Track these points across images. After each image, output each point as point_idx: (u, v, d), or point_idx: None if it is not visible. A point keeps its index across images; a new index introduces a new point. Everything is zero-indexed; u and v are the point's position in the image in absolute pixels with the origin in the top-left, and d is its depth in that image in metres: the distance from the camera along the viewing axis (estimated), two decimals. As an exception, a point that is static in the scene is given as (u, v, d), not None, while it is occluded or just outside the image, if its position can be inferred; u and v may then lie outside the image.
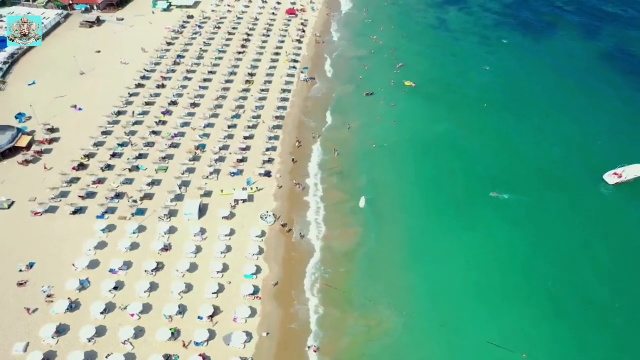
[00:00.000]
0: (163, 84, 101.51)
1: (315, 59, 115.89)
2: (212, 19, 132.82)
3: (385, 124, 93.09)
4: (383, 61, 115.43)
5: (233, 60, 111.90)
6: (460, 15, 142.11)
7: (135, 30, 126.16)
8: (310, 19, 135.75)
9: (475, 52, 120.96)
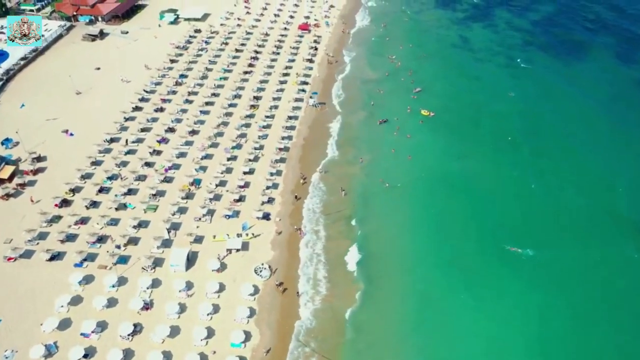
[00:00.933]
0: (162, 107, 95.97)
1: (326, 80, 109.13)
2: (220, 33, 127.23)
3: (399, 158, 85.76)
4: (399, 85, 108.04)
5: (238, 81, 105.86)
6: (484, 33, 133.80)
7: (139, 45, 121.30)
8: (323, 34, 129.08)
9: (500, 76, 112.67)
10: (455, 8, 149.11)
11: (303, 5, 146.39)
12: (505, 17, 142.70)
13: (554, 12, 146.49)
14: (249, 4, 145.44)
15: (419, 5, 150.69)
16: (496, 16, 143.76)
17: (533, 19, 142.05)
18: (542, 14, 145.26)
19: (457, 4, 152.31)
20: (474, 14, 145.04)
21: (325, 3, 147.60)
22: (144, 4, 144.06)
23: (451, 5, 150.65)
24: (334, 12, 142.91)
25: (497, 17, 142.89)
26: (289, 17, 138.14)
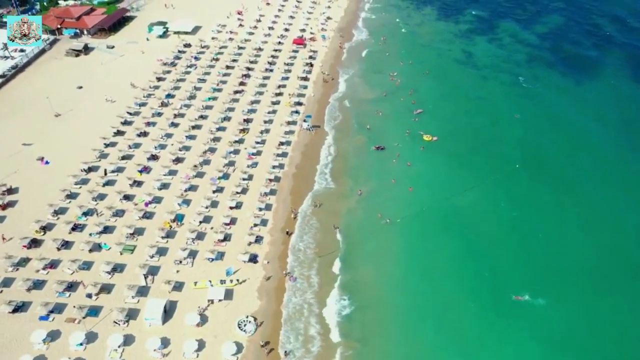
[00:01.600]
0: (145, 132, 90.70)
1: (321, 101, 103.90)
2: (211, 48, 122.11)
3: (399, 190, 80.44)
4: (399, 105, 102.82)
5: (228, 101, 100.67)
6: (489, 47, 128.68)
7: (125, 61, 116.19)
8: (319, 49, 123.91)
9: (506, 95, 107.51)
10: (458, 20, 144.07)
11: (299, 17, 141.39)
12: (511, 30, 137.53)
13: (561, 25, 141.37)
14: (243, 16, 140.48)
15: (420, 17, 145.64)
16: (501, 29, 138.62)
17: (539, 32, 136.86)
18: (548, 26, 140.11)
19: (459, 15, 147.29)
20: (478, 27, 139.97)
21: (322, 15, 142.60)
22: (132, 16, 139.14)
23: (453, 17, 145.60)
24: (331, 25, 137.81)
25: (501, 30, 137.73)
26: (283, 29, 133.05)
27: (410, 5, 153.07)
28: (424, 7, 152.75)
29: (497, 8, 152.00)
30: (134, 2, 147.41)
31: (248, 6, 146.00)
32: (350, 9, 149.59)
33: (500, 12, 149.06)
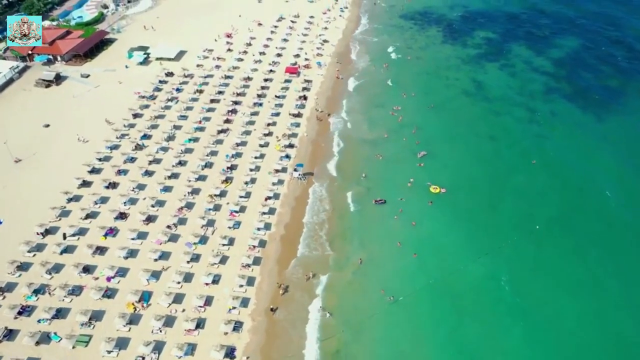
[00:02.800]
0: (114, 183, 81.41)
1: (315, 142, 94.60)
2: (195, 77, 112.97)
3: (403, 257, 71.12)
4: (402, 147, 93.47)
5: (211, 143, 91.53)
6: (501, 76, 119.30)
7: (100, 92, 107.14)
8: (314, 78, 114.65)
9: (521, 135, 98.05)
10: (466, 43, 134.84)
11: (293, 40, 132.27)
12: (524, 55, 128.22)
13: (579, 48, 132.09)
14: (232, 39, 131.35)
15: (425, 40, 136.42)
16: (513, 53, 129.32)
17: (555, 57, 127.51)
18: (563, 51, 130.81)
19: (467, 37, 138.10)
20: (488, 51, 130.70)
21: (318, 37, 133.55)
22: (112, 39, 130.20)
23: (461, 40, 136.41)
24: (327, 49, 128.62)
25: (514, 55, 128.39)
26: (276, 55, 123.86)
27: (413, 27, 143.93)
28: (428, 27, 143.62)
29: (507, 29, 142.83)
30: (115, 23, 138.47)
31: (238, 27, 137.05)
32: (348, 30, 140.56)
33: (510, 34, 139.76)
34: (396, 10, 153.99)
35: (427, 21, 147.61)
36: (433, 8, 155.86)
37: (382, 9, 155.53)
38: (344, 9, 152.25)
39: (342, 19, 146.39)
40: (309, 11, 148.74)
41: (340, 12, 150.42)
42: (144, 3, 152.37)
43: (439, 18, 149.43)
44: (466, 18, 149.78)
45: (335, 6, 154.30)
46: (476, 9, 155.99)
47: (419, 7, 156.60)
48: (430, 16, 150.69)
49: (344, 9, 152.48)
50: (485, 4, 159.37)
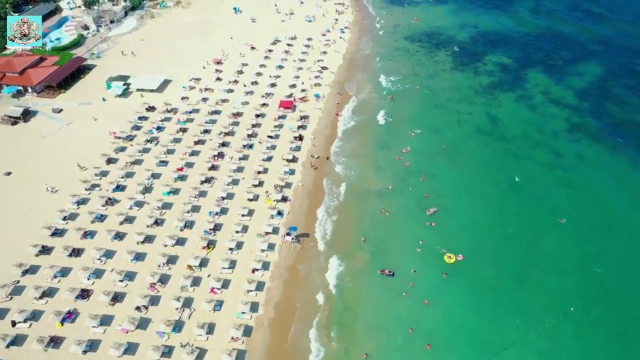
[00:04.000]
0: (78, 250, 71.32)
1: (312, 195, 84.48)
2: (179, 112, 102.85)
3: (414, 348, 61.21)
4: (409, 200, 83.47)
5: (193, 196, 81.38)
6: (518, 109, 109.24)
7: (73, 131, 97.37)
8: (312, 113, 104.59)
9: (546, 185, 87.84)
10: (477, 69, 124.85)
11: (289, 66, 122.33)
12: (542, 85, 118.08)
13: (601, 77, 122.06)
14: (222, 65, 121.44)
15: (433, 65, 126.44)
16: (530, 82, 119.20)
17: (577, 86, 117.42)
18: (586, 79, 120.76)
19: (479, 62, 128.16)
20: (502, 79, 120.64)
21: (317, 63, 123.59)
22: (91, 65, 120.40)
23: (472, 65, 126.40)
24: (326, 77, 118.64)
25: (531, 85, 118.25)
26: (269, 84, 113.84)
27: (420, 50, 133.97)
28: (436, 51, 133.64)
29: (521, 54, 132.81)
30: (95, 47, 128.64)
31: (229, 52, 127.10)
32: (349, 54, 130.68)
33: (525, 59, 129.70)
34: (401, 31, 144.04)
35: (434, 44, 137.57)
36: (440, 28, 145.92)
37: (385, 29, 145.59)
38: (344, 30, 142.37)
39: (343, 41, 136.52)
40: (307, 32, 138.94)
41: (341, 33, 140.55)
42: (128, 23, 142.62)
43: (447, 40, 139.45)
44: (477, 40, 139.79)
45: (335, 26, 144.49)
46: (487, 30, 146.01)
47: (425, 27, 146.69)
48: (438, 38, 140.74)
49: (345, 30, 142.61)
50: (496, 24, 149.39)
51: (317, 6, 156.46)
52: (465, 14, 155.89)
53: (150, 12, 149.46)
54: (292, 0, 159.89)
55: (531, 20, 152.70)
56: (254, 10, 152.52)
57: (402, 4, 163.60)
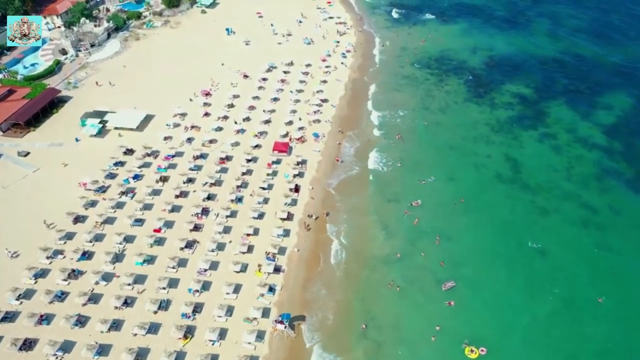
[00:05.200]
0: (30, 342, 60.72)
1: (309, 262, 74.18)
2: (161, 156, 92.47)
3: None
4: (421, 270, 73.28)
5: (170, 267, 70.90)
6: (541, 151, 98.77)
7: (39, 180, 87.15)
8: (310, 157, 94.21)
9: (578, 249, 77.39)
10: (494, 101, 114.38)
11: (285, 98, 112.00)
12: (566, 120, 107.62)
13: (633, 108, 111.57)
14: (211, 97, 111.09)
15: (444, 97, 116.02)
16: (552, 117, 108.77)
17: (605, 122, 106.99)
18: (616, 112, 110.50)
19: (494, 93, 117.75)
20: (522, 113, 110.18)
21: (316, 95, 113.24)
22: (66, 97, 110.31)
23: (487, 97, 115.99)
24: (326, 111, 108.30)
25: (554, 120, 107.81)
26: (263, 121, 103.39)
27: (429, 77, 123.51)
28: (447, 79, 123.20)
29: (541, 82, 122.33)
30: (72, 75, 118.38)
31: (220, 81, 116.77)
32: (352, 83, 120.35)
33: (545, 89, 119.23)
34: (408, 55, 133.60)
35: (445, 70, 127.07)
36: (451, 52, 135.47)
37: (391, 53, 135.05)
38: (346, 54, 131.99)
39: (345, 68, 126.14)
40: (306, 56, 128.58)
41: (342, 58, 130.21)
42: (111, 47, 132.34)
43: (459, 66, 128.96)
44: (491, 66, 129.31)
45: (336, 49, 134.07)
46: (502, 54, 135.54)
47: (434, 50, 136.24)
48: (449, 63, 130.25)
49: (346, 54, 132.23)
50: (511, 47, 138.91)
51: (317, 26, 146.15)
52: (477, 35, 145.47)
53: (135, 33, 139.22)
54: (290, 20, 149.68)
55: (549, 43, 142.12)
56: (248, 31, 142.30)
57: (408, 23, 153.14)
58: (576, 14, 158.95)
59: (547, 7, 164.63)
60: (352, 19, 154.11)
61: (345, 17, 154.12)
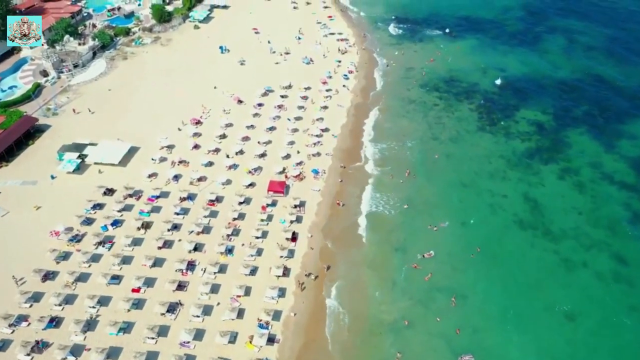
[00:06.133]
0: None
1: (307, 329, 66.02)
2: (144, 197, 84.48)
3: None
4: (434, 339, 65.21)
5: (149, 339, 62.59)
6: (563, 190, 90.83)
7: (7, 227, 79.13)
8: (309, 199, 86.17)
9: (610, 310, 69.42)
10: (509, 130, 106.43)
11: (281, 127, 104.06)
12: (589, 152, 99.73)
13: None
14: (201, 125, 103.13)
15: (455, 124, 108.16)
16: (574, 149, 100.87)
17: (632, 154, 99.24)
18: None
19: (510, 120, 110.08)
20: (540, 144, 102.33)
21: (316, 123, 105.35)
22: (43, 126, 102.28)
23: (503, 124, 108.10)
24: (327, 143, 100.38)
25: (575, 152, 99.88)
26: (258, 155, 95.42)
27: (438, 102, 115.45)
28: (457, 104, 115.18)
29: (560, 108, 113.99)
30: (52, 100, 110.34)
31: (211, 107, 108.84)
32: (355, 108, 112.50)
33: (565, 116, 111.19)
34: (415, 77, 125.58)
35: (455, 93, 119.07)
36: (461, 73, 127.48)
37: (396, 74, 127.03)
38: (348, 75, 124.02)
39: (347, 91, 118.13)
40: (305, 78, 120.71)
41: (344, 80, 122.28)
42: (96, 67, 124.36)
43: (470, 88, 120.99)
44: (505, 89, 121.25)
45: (338, 70, 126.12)
46: (515, 74, 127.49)
47: (443, 70, 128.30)
48: (459, 85, 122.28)
49: (349, 75, 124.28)
50: (525, 67, 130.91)
51: (317, 43, 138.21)
52: (488, 53, 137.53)
53: (123, 52, 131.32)
54: (288, 36, 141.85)
55: (566, 61, 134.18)
56: (244, 48, 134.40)
57: (414, 39, 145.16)
58: (587, 30, 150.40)
59: (557, 21, 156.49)
60: (355, 34, 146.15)
61: (347, 32, 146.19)
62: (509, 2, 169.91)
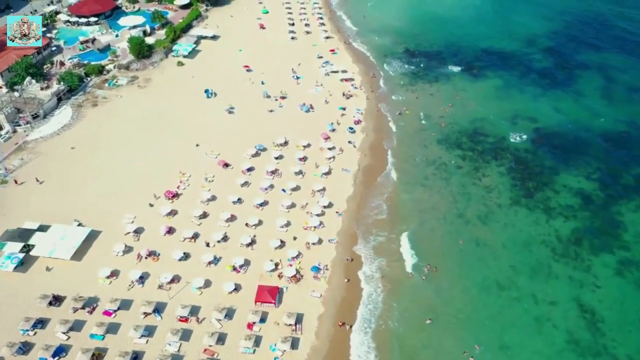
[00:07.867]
0: None
1: None
2: (99, 309, 67.94)
3: None
4: None
5: None
6: (626, 293, 74.33)
7: None
8: (307, 311, 69.81)
9: None
10: (549, 205, 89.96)
11: (275, 203, 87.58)
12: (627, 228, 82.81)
13: None
14: (178, 200, 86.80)
15: (483, 195, 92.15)
16: (631, 231, 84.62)
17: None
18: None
19: (549, 190, 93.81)
20: (589, 225, 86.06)
21: (316, 196, 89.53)
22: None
23: (541, 197, 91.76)
24: (330, 225, 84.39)
25: (635, 236, 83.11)
26: (245, 244, 79.06)
27: (462, 164, 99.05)
28: (484, 166, 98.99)
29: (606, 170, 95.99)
30: (2, 163, 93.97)
31: (191, 173, 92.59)
32: (363, 174, 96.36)
33: (614, 182, 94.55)
34: (432, 128, 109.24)
35: (480, 152, 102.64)
36: (486, 123, 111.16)
37: (411, 124, 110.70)
38: (354, 128, 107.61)
39: (353, 149, 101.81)
40: (304, 131, 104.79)
41: (350, 133, 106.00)
42: (60, 117, 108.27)
43: (497, 145, 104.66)
44: (539, 145, 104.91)
45: (342, 120, 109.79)
46: (550, 126, 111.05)
47: (464, 120, 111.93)
48: (485, 141, 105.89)
49: (355, 127, 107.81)
50: (560, 116, 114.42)
51: (318, 85, 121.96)
52: (515, 96, 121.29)
53: (93, 96, 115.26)
54: (285, 74, 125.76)
55: (606, 106, 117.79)
56: (233, 91, 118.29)
57: (429, 78, 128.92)
58: (626, 65, 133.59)
59: (590, 55, 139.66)
60: (361, 72, 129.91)
61: (352, 70, 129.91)
62: (532, 30, 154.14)
